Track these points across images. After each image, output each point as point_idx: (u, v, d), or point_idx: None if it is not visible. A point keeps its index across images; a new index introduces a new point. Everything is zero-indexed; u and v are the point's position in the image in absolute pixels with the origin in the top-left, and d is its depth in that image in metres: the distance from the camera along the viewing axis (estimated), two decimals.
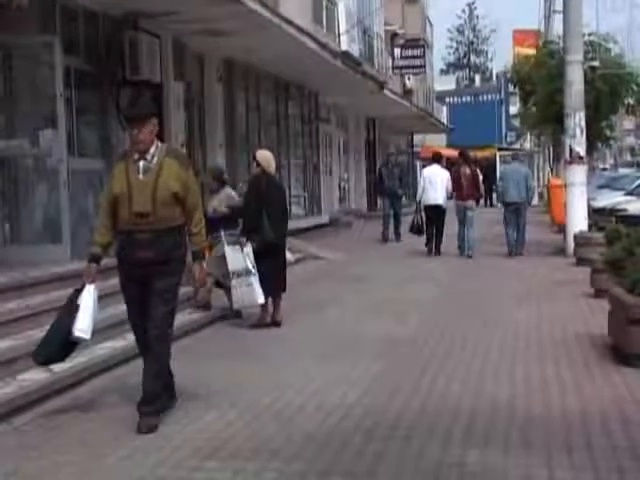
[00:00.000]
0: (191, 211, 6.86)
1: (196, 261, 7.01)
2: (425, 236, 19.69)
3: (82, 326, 6.86)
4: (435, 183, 19.40)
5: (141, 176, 6.71)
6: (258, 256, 10.70)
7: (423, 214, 19.69)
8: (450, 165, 22.28)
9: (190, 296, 11.48)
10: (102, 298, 10.18)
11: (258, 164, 11.03)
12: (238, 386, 7.88)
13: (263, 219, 10.73)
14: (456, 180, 19.21)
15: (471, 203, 19.19)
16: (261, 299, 10.79)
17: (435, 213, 19.39)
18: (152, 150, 6.76)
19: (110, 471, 5.72)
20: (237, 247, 10.82)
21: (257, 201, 10.81)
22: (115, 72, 13.87)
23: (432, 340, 9.92)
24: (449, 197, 19.64)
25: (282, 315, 11.01)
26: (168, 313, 6.84)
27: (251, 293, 10.73)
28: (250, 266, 10.68)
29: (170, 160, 6.78)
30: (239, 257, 10.75)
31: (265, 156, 11.20)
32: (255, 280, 10.68)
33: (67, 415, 7.04)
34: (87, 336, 6.96)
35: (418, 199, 20.01)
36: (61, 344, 6.96)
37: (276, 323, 10.91)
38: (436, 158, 20.93)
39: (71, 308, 6.92)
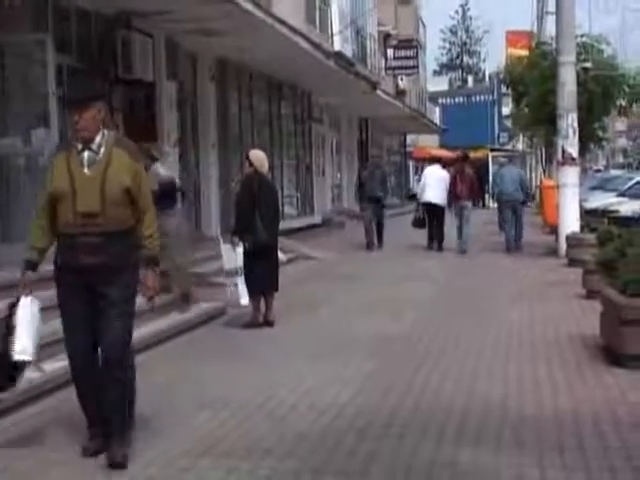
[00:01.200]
0: (143, 211, 5.88)
1: (149, 268, 5.98)
2: (427, 231, 20.79)
3: (21, 347, 5.77)
4: (434, 182, 20.43)
5: (86, 170, 5.75)
6: (250, 256, 10.70)
7: (422, 211, 20.72)
8: (443, 165, 22.67)
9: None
10: None
11: (251, 164, 11.02)
12: (231, 385, 7.88)
13: (256, 219, 10.73)
14: (455, 180, 20.15)
15: (467, 202, 20.09)
16: (245, 300, 10.79)
17: (433, 210, 20.34)
18: (98, 139, 5.78)
19: (101, 470, 5.71)
20: (230, 246, 10.83)
21: (249, 201, 10.81)
22: (107, 71, 13.86)
23: (425, 339, 9.92)
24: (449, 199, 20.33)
25: (275, 315, 11.00)
26: (127, 329, 5.91)
27: (236, 293, 10.77)
28: (238, 267, 10.69)
29: (120, 151, 5.80)
30: (233, 256, 10.76)
31: (258, 156, 11.20)
32: (241, 281, 10.69)
33: (58, 414, 7.02)
34: (29, 357, 5.87)
35: (418, 197, 21.36)
36: (5, 371, 5.88)
37: (269, 323, 10.89)
38: (436, 159, 23.41)
39: (6, 330, 5.82)
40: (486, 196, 42.67)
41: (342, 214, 30.42)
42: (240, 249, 10.72)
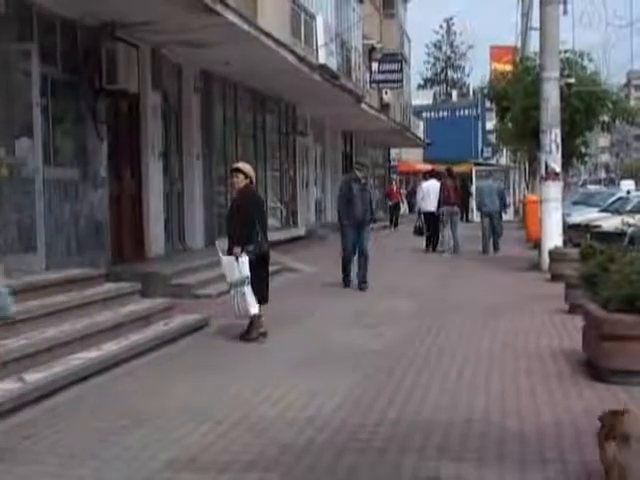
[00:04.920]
0: None
1: None
2: (425, 237, 24.41)
3: None
4: (432, 194, 23.91)
5: None
6: (254, 266, 10.63)
7: (423, 219, 24.54)
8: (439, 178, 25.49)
9: (163, 308, 11.46)
10: (75, 309, 10.19)
11: (246, 176, 10.97)
12: (213, 398, 7.86)
13: (257, 230, 10.76)
14: (444, 190, 23.57)
15: (457, 209, 23.79)
16: (254, 309, 10.67)
17: (431, 218, 23.90)
18: None
19: None
20: (232, 258, 10.62)
21: (253, 212, 10.82)
22: (92, 81, 13.83)
23: (408, 353, 9.92)
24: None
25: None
26: None
27: (245, 303, 10.61)
28: (244, 276, 10.55)
29: None
30: (235, 267, 10.59)
31: (250, 168, 11.22)
32: (248, 290, 10.56)
33: (41, 426, 6.99)
34: None
35: (418, 207, 25.36)
36: None
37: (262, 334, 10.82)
38: (433, 174, 26.05)
39: None
40: (470, 211, 42.79)
41: (326, 227, 30.43)
42: (244, 259, 10.57)
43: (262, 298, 10.90)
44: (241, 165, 11.38)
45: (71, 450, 6.33)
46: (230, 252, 10.75)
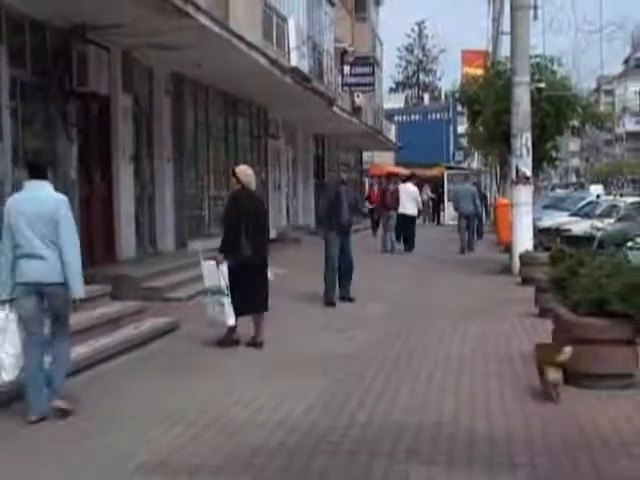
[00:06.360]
0: None
1: None
2: (402, 237, 25.32)
3: None
4: (407, 197, 25.16)
5: None
6: (238, 274, 10.40)
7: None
8: (416, 183, 27.84)
9: (137, 310, 11.40)
10: None
11: (238, 181, 10.76)
12: (184, 401, 7.84)
13: (241, 237, 10.45)
14: (383, 194, 25.43)
15: (393, 212, 24.66)
16: (231, 321, 10.42)
17: (406, 220, 25.04)
18: None
19: None
20: (213, 263, 10.46)
21: (236, 219, 10.52)
22: (62, 83, 13.74)
23: (379, 356, 9.94)
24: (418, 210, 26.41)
25: (264, 336, 10.66)
26: None
27: (222, 313, 10.39)
28: (224, 286, 10.33)
29: None
30: (215, 274, 10.40)
31: (245, 172, 10.92)
32: (227, 301, 10.32)
33: (12, 428, 6.94)
34: None
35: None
36: None
37: (257, 344, 10.53)
38: (408, 178, 28.05)
39: None
40: (442, 213, 42.94)
41: (298, 230, 30.43)
42: (224, 267, 10.37)
43: (255, 307, 10.66)
44: (237, 169, 11.09)
45: (46, 451, 6.30)
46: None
